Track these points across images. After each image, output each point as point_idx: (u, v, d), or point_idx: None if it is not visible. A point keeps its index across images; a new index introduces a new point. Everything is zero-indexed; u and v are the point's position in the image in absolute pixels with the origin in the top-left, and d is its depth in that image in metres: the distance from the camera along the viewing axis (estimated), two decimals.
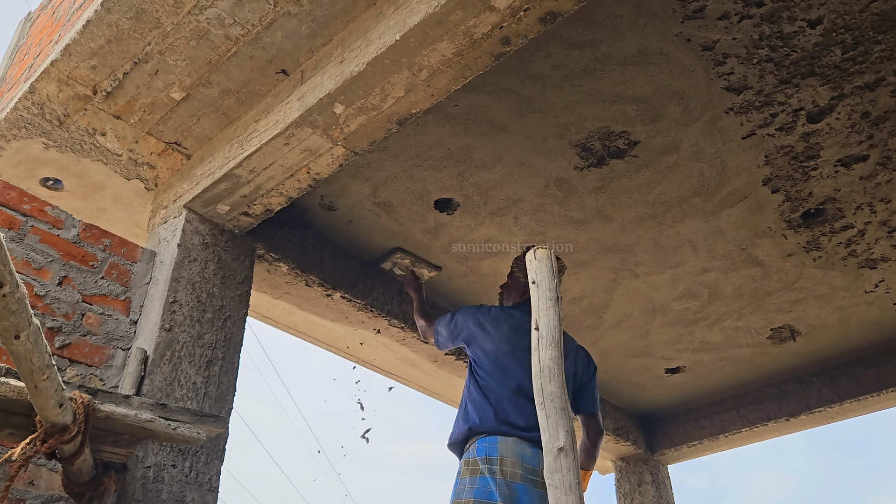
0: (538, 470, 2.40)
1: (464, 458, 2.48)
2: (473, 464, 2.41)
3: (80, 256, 2.45)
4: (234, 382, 2.65)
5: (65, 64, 2.53)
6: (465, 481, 2.39)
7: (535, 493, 2.37)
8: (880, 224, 3.37)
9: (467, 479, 2.39)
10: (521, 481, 2.36)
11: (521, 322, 2.71)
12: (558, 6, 2.00)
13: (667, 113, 2.80)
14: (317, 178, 2.64)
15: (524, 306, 2.81)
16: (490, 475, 2.35)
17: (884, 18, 2.43)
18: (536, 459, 2.43)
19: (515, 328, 2.69)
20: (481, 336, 2.72)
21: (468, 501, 2.32)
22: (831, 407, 4.59)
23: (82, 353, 2.34)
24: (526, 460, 2.41)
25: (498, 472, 2.35)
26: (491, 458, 2.39)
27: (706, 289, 3.86)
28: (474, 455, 2.43)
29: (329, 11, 2.32)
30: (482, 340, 2.70)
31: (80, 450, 1.74)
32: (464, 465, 2.45)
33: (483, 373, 2.62)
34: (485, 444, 2.43)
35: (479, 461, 2.39)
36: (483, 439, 2.45)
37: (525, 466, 2.40)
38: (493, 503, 2.29)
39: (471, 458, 2.43)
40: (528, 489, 2.36)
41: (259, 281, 3.29)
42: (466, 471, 2.41)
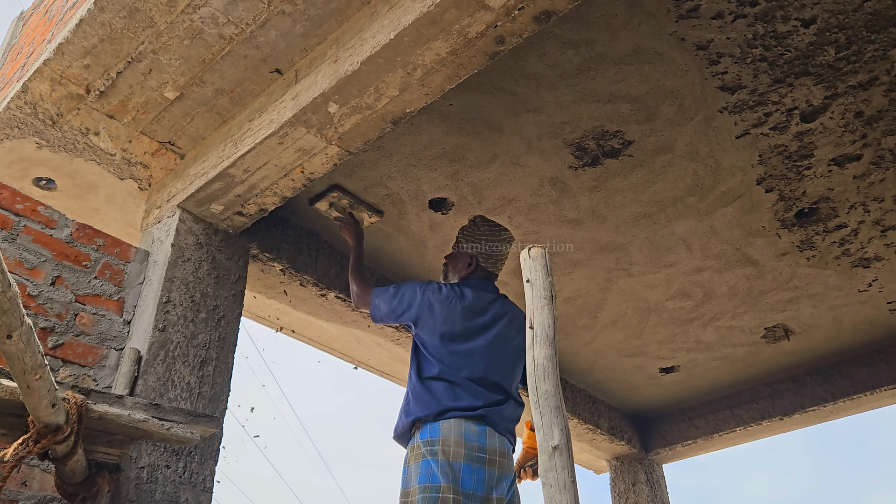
0: (485, 447, 2.31)
1: (409, 446, 2.39)
2: (416, 449, 2.32)
3: (73, 256, 2.44)
4: (228, 382, 2.64)
5: (58, 63, 2.52)
6: (410, 469, 2.30)
7: (481, 470, 2.27)
8: (874, 223, 3.38)
9: (412, 466, 2.30)
10: (464, 460, 2.26)
11: (474, 300, 2.58)
12: (553, 5, 2.00)
13: (661, 112, 2.81)
14: (311, 177, 2.64)
15: (473, 282, 2.67)
16: (432, 457, 2.25)
17: (877, 18, 2.44)
18: (483, 437, 2.33)
19: (467, 308, 2.55)
20: (430, 319, 2.52)
21: (414, 489, 2.23)
22: (825, 406, 4.61)
23: (75, 353, 2.33)
24: (470, 438, 2.30)
25: (440, 454, 2.25)
26: (433, 439, 2.29)
27: (700, 288, 3.87)
28: (417, 440, 2.34)
29: (323, 10, 2.31)
30: (431, 323, 2.52)
31: (74, 450, 1.73)
32: (409, 452, 2.36)
33: (431, 357, 2.47)
34: (427, 428, 2.34)
35: (422, 444, 2.30)
36: (426, 425, 2.36)
37: (470, 445, 2.29)
38: (436, 485, 2.19)
39: (414, 443, 2.35)
40: (471, 468, 2.26)
41: (253, 281, 3.28)
42: (411, 458, 2.33)
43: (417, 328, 2.58)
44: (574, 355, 4.49)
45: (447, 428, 2.32)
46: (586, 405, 4.88)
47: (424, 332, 2.54)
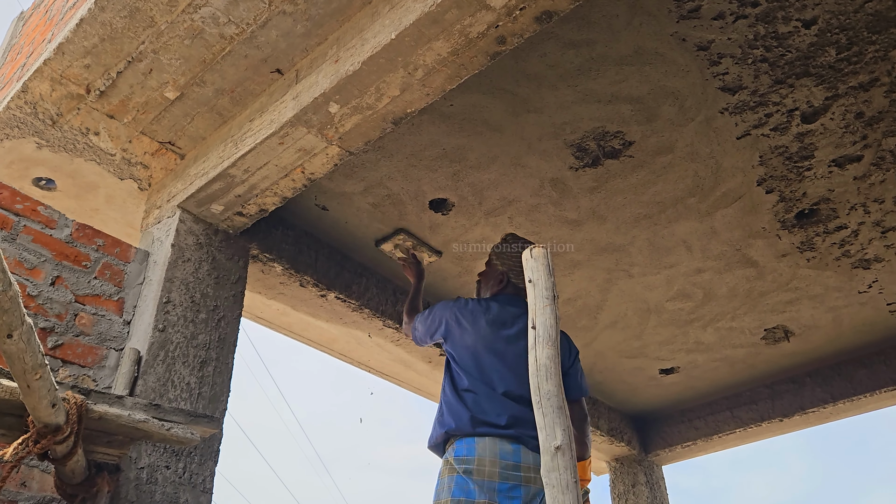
0: (520, 465, 2.34)
1: (444, 458, 2.42)
2: (450, 464, 2.35)
3: (72, 256, 2.43)
4: (227, 383, 2.63)
5: (58, 63, 2.51)
6: (443, 482, 2.34)
7: (518, 488, 2.30)
8: (874, 224, 3.38)
9: (446, 479, 2.33)
10: (499, 480, 2.29)
11: (499, 314, 2.61)
12: (554, 5, 2.00)
13: (662, 113, 2.81)
14: (311, 177, 2.63)
15: (501, 297, 2.71)
16: (467, 475, 2.29)
17: (878, 19, 2.44)
18: (518, 455, 2.36)
19: (493, 321, 2.58)
20: (458, 331, 2.59)
21: (446, 501, 2.26)
22: (825, 407, 4.60)
23: (75, 353, 2.32)
24: (505, 457, 2.33)
25: (475, 473, 2.29)
26: (468, 458, 2.33)
27: (700, 289, 3.87)
28: (452, 455, 2.37)
29: (324, 10, 2.31)
30: (459, 336, 2.58)
31: (73, 451, 1.72)
32: (443, 464, 2.40)
33: (460, 370, 2.52)
34: (463, 445, 2.37)
35: (455, 462, 2.34)
36: (461, 441, 2.38)
37: (505, 464, 2.32)
38: (471, 500, 2.24)
39: (450, 457, 2.38)
40: (507, 486, 2.29)
41: (253, 281, 3.27)
42: (445, 470, 2.36)
43: (447, 343, 2.63)
44: None
45: (482, 447, 2.34)
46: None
47: (454, 346, 2.59)
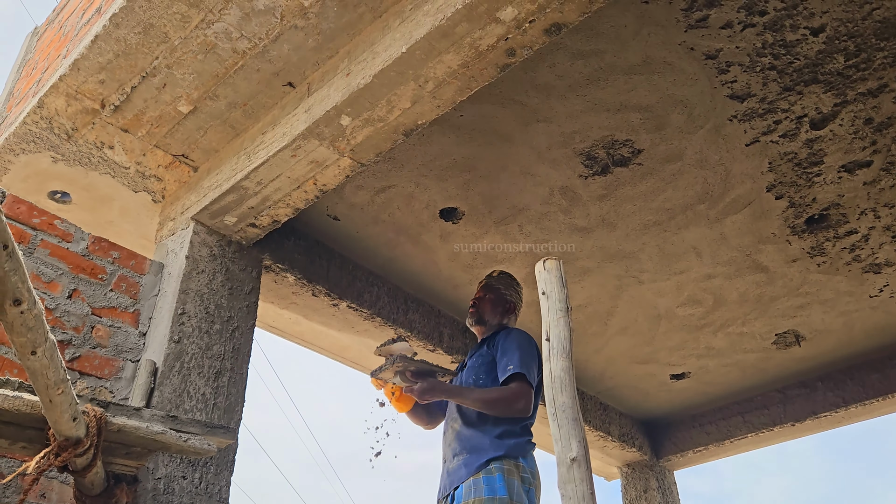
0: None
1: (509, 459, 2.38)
2: (521, 470, 2.40)
3: (89, 269, 2.46)
4: (242, 393, 2.66)
5: (73, 78, 2.55)
6: (513, 483, 2.35)
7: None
8: (884, 229, 3.37)
9: (516, 482, 2.36)
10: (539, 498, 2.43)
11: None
12: (563, 18, 2.02)
13: (671, 121, 2.82)
14: (323, 189, 2.66)
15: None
16: (531, 487, 2.38)
17: (886, 25, 2.45)
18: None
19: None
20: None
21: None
22: (837, 411, 4.59)
23: (92, 365, 2.35)
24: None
25: (535, 488, 2.40)
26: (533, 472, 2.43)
27: (711, 295, 3.87)
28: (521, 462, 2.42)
29: (335, 24, 2.34)
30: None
31: (93, 463, 1.75)
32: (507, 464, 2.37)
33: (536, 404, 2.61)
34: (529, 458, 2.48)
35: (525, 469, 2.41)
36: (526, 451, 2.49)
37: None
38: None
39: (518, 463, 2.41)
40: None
41: (266, 291, 3.30)
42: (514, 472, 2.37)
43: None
44: (585, 362, 4.49)
45: (535, 464, 2.46)
46: (597, 412, 4.88)
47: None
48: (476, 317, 2.80)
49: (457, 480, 2.42)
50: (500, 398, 2.45)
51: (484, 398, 2.48)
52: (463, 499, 2.33)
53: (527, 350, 2.54)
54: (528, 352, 2.54)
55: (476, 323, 2.80)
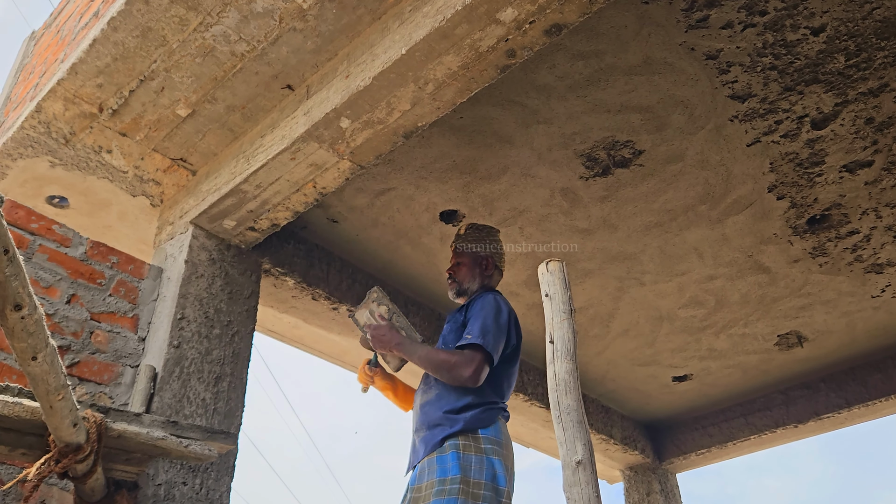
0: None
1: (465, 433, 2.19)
2: (479, 441, 2.19)
3: (87, 274, 2.45)
4: (242, 398, 2.64)
5: (71, 82, 2.54)
6: (470, 458, 2.15)
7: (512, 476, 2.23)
8: (886, 229, 3.36)
9: (473, 457, 2.15)
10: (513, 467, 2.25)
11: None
12: (563, 18, 2.01)
13: (671, 122, 2.81)
14: (323, 192, 2.65)
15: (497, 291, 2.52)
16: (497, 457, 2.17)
17: (886, 25, 2.44)
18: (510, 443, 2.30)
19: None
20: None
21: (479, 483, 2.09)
22: (839, 412, 4.57)
23: (91, 371, 2.33)
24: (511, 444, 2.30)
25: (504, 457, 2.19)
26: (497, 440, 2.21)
27: (712, 296, 3.85)
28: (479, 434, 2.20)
29: (334, 27, 2.33)
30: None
31: (93, 469, 1.73)
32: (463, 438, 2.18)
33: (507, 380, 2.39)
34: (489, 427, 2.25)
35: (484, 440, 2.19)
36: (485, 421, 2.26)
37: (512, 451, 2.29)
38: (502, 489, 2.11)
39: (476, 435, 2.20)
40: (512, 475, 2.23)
41: (265, 296, 3.29)
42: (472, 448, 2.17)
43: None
44: (587, 365, 4.48)
45: (505, 433, 2.26)
46: (599, 415, 4.86)
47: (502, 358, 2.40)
48: (456, 288, 2.56)
49: (415, 460, 2.28)
50: (445, 361, 2.26)
51: (430, 357, 2.32)
52: (416, 482, 2.19)
53: (492, 318, 2.32)
54: (493, 320, 2.32)
55: (458, 295, 2.57)
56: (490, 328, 2.28)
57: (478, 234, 2.59)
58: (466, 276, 2.55)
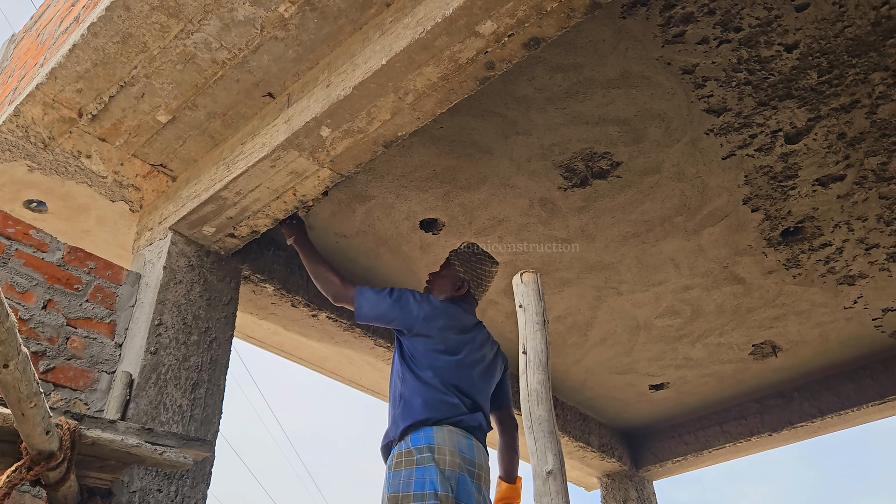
0: (475, 461, 2.36)
1: (396, 451, 2.36)
2: (409, 454, 2.30)
3: (64, 279, 2.44)
4: (220, 405, 2.64)
5: (50, 87, 2.53)
6: (401, 474, 2.27)
7: (471, 484, 2.29)
8: (857, 242, 3.43)
9: (404, 472, 2.27)
10: (459, 471, 2.28)
11: (463, 320, 2.66)
12: (542, 32, 2.04)
13: (648, 134, 2.85)
14: (303, 199, 2.65)
15: (461, 304, 2.74)
16: (429, 464, 2.24)
17: (857, 43, 2.50)
18: (473, 451, 2.38)
19: (457, 326, 2.63)
20: (425, 326, 2.58)
21: (408, 495, 2.20)
22: (813, 422, 4.64)
23: (67, 377, 2.32)
24: (463, 450, 2.34)
25: (437, 461, 2.26)
26: (428, 446, 2.30)
27: (689, 306, 3.90)
28: (409, 445, 2.32)
29: (315, 36, 2.34)
30: (426, 330, 2.58)
31: (66, 476, 1.72)
32: (397, 457, 2.33)
33: (424, 363, 2.52)
34: (420, 434, 2.34)
35: (415, 451, 2.30)
36: (417, 431, 2.36)
37: (462, 457, 2.32)
38: (433, 492, 2.18)
39: (404, 449, 2.33)
40: (465, 479, 2.28)
41: (244, 302, 3.28)
42: (402, 463, 2.30)
43: (409, 335, 2.60)
44: (565, 373, 4.51)
45: (441, 437, 2.33)
46: (577, 423, 4.90)
47: (416, 340, 2.58)
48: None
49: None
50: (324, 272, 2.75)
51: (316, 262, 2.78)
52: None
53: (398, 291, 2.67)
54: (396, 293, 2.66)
55: None
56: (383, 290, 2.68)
57: (470, 256, 2.82)
58: (439, 286, 2.80)
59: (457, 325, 2.64)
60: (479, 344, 2.68)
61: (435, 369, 2.51)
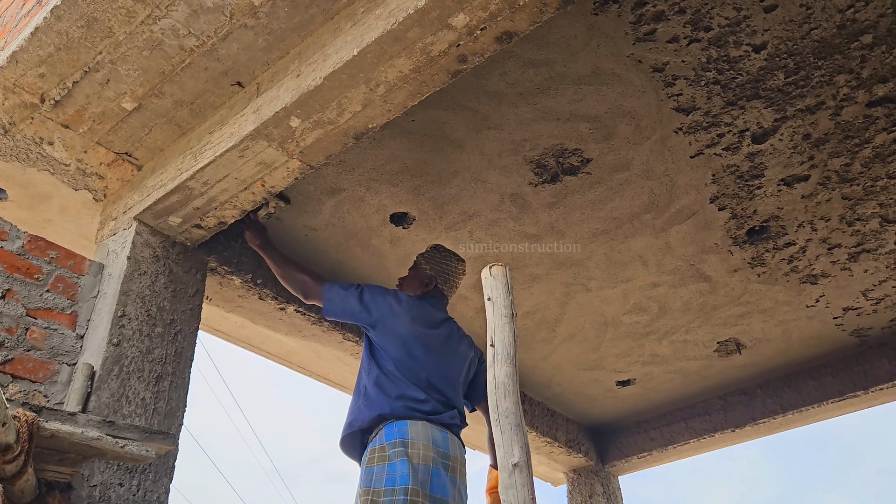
0: (450, 454, 2.40)
1: (370, 447, 2.40)
2: (381, 450, 2.34)
3: (24, 269, 2.38)
4: (184, 398, 2.60)
5: (11, 71, 2.46)
6: (373, 469, 2.31)
7: (446, 476, 2.33)
8: (820, 241, 3.50)
9: (376, 468, 2.31)
10: (433, 464, 2.32)
11: (429, 312, 2.72)
12: (514, 26, 2.04)
13: (618, 131, 2.87)
14: (272, 191, 2.62)
15: (429, 298, 2.82)
16: (400, 458, 2.28)
17: (823, 45, 2.54)
18: (448, 443, 2.41)
19: (422, 318, 2.67)
20: (392, 321, 2.62)
21: (380, 490, 2.25)
22: (775, 418, 4.73)
23: (26, 368, 2.27)
24: (437, 444, 2.37)
25: (409, 456, 2.29)
26: (401, 440, 2.33)
27: (656, 303, 3.94)
28: (383, 441, 2.36)
29: (286, 25, 2.31)
30: (393, 325, 2.61)
31: (23, 470, 1.68)
32: (370, 452, 2.37)
33: (391, 358, 2.55)
34: (393, 428, 2.37)
35: (388, 446, 2.33)
36: (391, 424, 2.39)
37: (436, 450, 2.36)
38: (404, 487, 2.22)
39: (377, 445, 2.36)
40: (440, 472, 2.32)
41: (211, 294, 3.24)
42: (376, 458, 2.34)
43: (375, 330, 2.65)
44: (533, 369, 4.53)
45: (415, 431, 2.37)
46: (544, 418, 4.93)
47: (383, 335, 2.62)
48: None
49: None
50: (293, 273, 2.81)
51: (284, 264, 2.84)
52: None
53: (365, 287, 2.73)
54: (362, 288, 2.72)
55: None
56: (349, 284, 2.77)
57: (435, 254, 2.92)
58: (408, 285, 2.89)
59: (424, 320, 2.68)
60: (447, 338, 2.73)
61: (399, 362, 2.54)
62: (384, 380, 2.51)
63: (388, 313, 2.63)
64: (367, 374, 2.57)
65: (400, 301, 2.68)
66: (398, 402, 2.43)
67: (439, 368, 2.60)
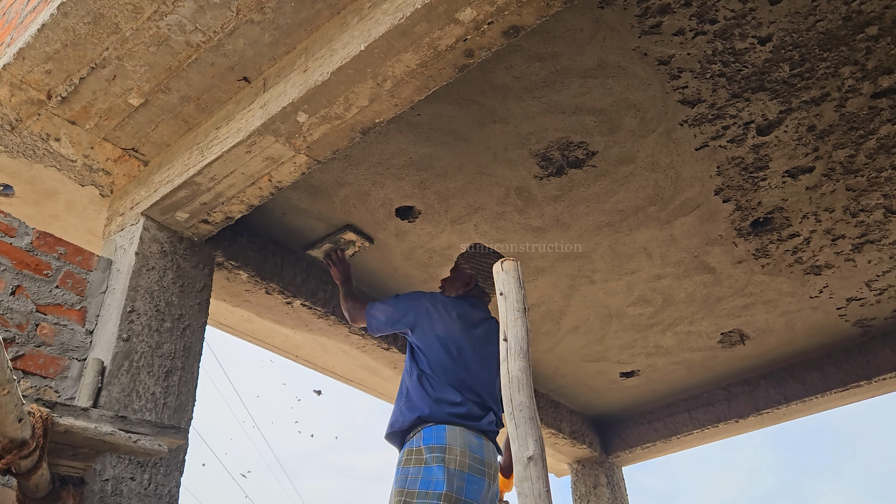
0: (485, 460, 2.42)
1: (407, 447, 2.43)
2: (419, 453, 2.37)
3: (33, 265, 2.39)
4: (193, 392, 2.61)
5: (18, 68, 2.47)
6: (409, 470, 2.35)
7: (482, 482, 2.36)
8: (824, 232, 3.50)
9: (412, 469, 2.35)
10: (468, 471, 2.34)
11: (468, 312, 2.74)
12: (521, 20, 2.04)
13: (624, 124, 2.87)
14: (279, 185, 2.63)
15: (469, 298, 2.85)
16: (437, 464, 2.31)
17: (829, 37, 2.54)
18: (483, 449, 2.44)
19: (463, 317, 2.70)
20: (429, 322, 2.66)
21: (413, 492, 2.28)
22: (778, 408, 4.75)
23: (36, 364, 2.28)
24: (473, 450, 2.40)
25: (445, 461, 2.32)
26: (439, 446, 2.36)
27: (660, 295, 3.96)
28: (420, 444, 2.39)
29: (292, 20, 2.31)
30: (431, 326, 2.65)
31: (38, 465, 1.70)
32: (407, 454, 2.41)
33: (430, 359, 2.58)
34: (432, 433, 2.40)
35: (425, 450, 2.36)
36: (429, 428, 2.42)
37: (472, 456, 2.38)
38: (438, 492, 2.26)
39: (415, 447, 2.39)
40: (474, 479, 2.35)
41: (218, 289, 3.25)
42: (412, 460, 2.37)
43: (414, 333, 2.69)
44: (538, 361, 4.55)
45: (452, 436, 2.39)
46: (549, 410, 4.95)
47: (423, 337, 2.65)
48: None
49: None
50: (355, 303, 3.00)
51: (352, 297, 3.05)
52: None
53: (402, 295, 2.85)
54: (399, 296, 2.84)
55: None
56: (390, 299, 2.88)
57: (473, 254, 2.98)
58: (449, 286, 2.94)
59: (463, 320, 2.70)
60: (485, 338, 2.74)
61: (436, 363, 2.57)
62: (424, 381, 2.55)
63: (424, 315, 2.69)
64: (409, 377, 2.61)
65: (436, 303, 2.73)
66: (437, 406, 2.46)
67: (476, 369, 2.62)
